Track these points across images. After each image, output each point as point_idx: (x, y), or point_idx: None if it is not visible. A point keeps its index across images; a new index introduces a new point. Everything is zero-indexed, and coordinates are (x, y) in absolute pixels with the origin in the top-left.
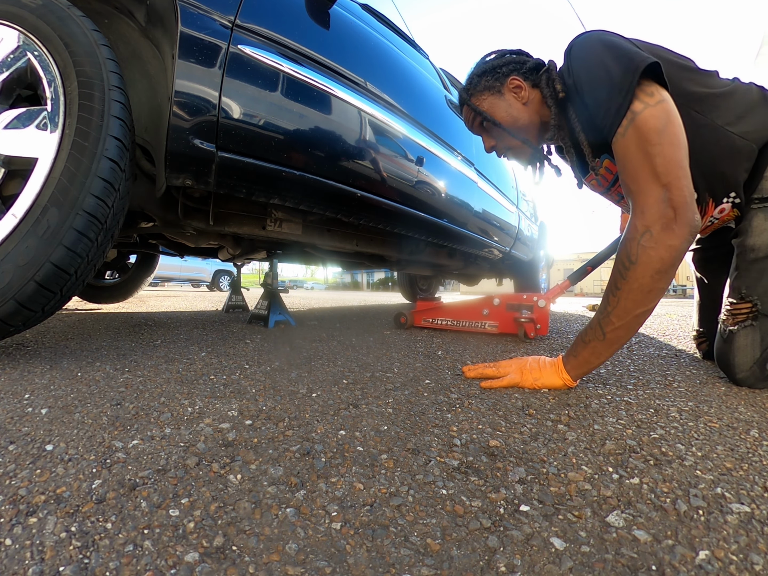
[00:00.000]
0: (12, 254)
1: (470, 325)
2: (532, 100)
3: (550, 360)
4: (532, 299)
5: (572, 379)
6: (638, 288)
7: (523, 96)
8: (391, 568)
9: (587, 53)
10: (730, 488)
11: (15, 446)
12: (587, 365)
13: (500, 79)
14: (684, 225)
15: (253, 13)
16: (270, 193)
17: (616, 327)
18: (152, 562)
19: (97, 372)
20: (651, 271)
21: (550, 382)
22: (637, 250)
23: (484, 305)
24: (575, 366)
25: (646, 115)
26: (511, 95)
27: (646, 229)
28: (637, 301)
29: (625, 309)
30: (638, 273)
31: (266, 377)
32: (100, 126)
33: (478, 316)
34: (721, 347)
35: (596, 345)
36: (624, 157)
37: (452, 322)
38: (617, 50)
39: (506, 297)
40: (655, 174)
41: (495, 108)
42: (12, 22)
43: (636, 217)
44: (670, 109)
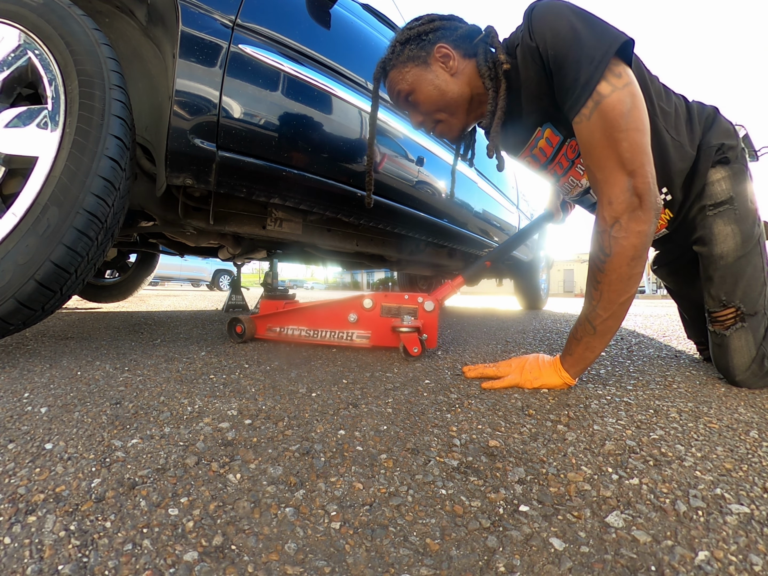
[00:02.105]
0: (12, 253)
1: (332, 336)
2: (462, 71)
3: (549, 359)
4: (416, 300)
5: (571, 377)
6: (617, 278)
7: (452, 66)
8: (391, 567)
9: (555, 18)
10: (730, 489)
11: (14, 445)
12: (584, 361)
13: (426, 47)
14: (649, 210)
15: (253, 13)
16: (270, 193)
17: (604, 319)
18: (151, 561)
19: (96, 371)
20: (626, 259)
21: (550, 382)
22: (610, 241)
23: (351, 308)
24: (572, 364)
25: (613, 99)
26: (438, 65)
27: (615, 220)
28: (619, 290)
29: (609, 300)
30: (615, 263)
31: (266, 377)
32: (100, 125)
33: (342, 324)
34: (717, 353)
35: (589, 340)
36: (588, 142)
37: (307, 332)
38: (589, 21)
39: (381, 297)
40: (620, 161)
41: (420, 81)
42: (13, 21)
43: (604, 209)
44: (636, 92)
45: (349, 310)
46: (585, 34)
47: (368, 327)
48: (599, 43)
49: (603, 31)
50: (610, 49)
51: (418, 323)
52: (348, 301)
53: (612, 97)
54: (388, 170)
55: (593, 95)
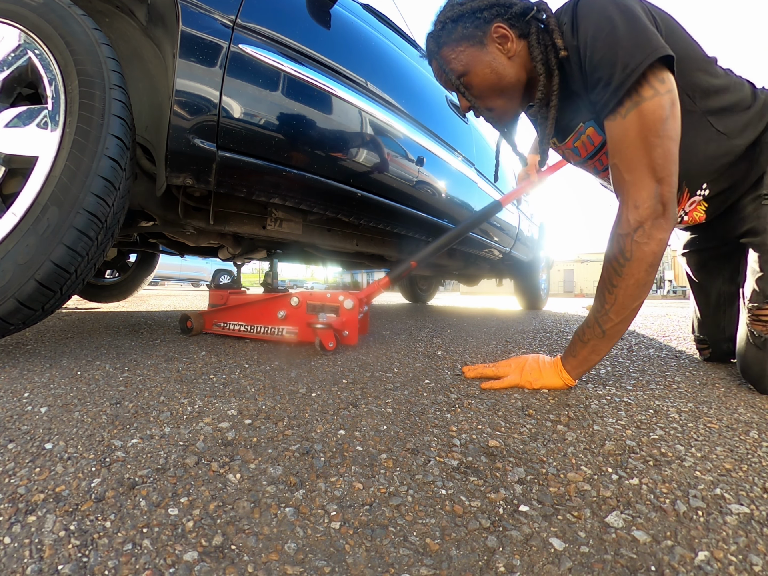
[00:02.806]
0: (12, 253)
1: (265, 331)
2: (518, 54)
3: (549, 360)
4: (338, 299)
5: (573, 378)
6: (634, 283)
7: (510, 48)
8: (390, 567)
9: (600, 14)
10: (730, 489)
11: (14, 444)
12: (587, 363)
13: (481, 26)
14: (670, 219)
15: (254, 13)
16: (270, 193)
17: (615, 323)
18: (151, 560)
19: (96, 371)
20: (646, 265)
21: (550, 383)
22: (632, 245)
23: (281, 306)
24: (575, 366)
25: (654, 103)
26: (495, 47)
27: (639, 225)
28: (634, 296)
29: (623, 305)
30: (634, 268)
31: (266, 376)
32: (100, 125)
33: (273, 320)
34: (752, 356)
35: (596, 343)
36: (621, 141)
37: (246, 327)
38: (635, 22)
39: (307, 296)
40: (652, 166)
41: (476, 62)
42: (13, 21)
43: (629, 211)
44: (676, 100)
45: (279, 308)
46: (630, 34)
47: (296, 323)
48: (645, 45)
49: (648, 36)
50: (655, 53)
51: (336, 321)
52: (278, 298)
53: (654, 100)
54: (388, 170)
55: (633, 96)
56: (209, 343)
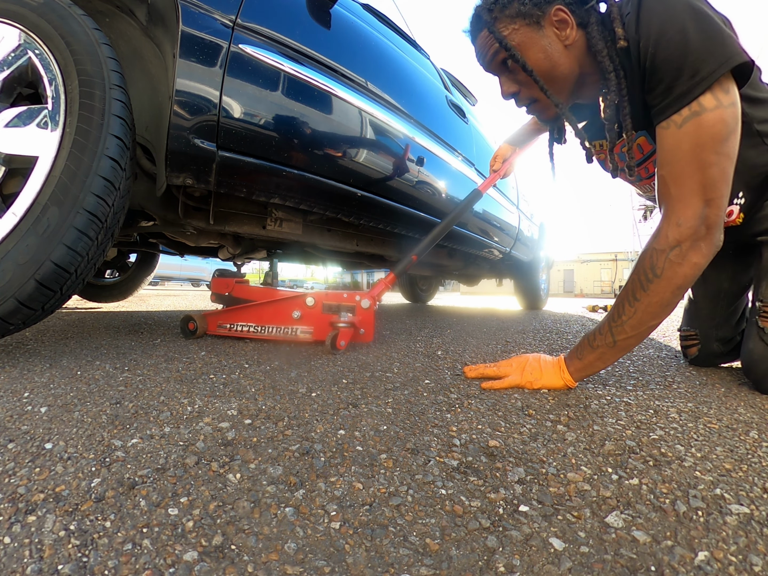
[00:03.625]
0: (12, 253)
1: (278, 331)
2: (574, 44)
3: (551, 360)
4: (354, 299)
5: (574, 380)
6: (658, 302)
7: (568, 35)
8: (390, 567)
9: (669, 9)
10: (730, 489)
11: (14, 444)
12: (591, 369)
13: (542, 6)
14: (711, 245)
15: (254, 13)
16: (270, 193)
17: (629, 336)
18: (151, 560)
19: (96, 371)
20: (673, 286)
21: (551, 383)
22: (664, 263)
23: (295, 306)
24: (579, 368)
25: (716, 115)
26: (553, 31)
27: (678, 244)
28: (655, 314)
29: (641, 320)
30: (661, 287)
31: (266, 376)
32: (100, 125)
33: (287, 320)
34: (761, 353)
35: (605, 351)
36: (673, 152)
37: (255, 328)
38: (708, 23)
39: (323, 296)
40: (702, 185)
41: (530, 44)
42: (13, 21)
43: (670, 227)
44: (738, 115)
45: (293, 308)
46: (701, 35)
47: (311, 323)
48: (719, 51)
49: (723, 39)
50: (728, 62)
51: (355, 319)
52: (292, 298)
53: (715, 113)
54: (388, 170)
55: (693, 104)
56: (209, 343)
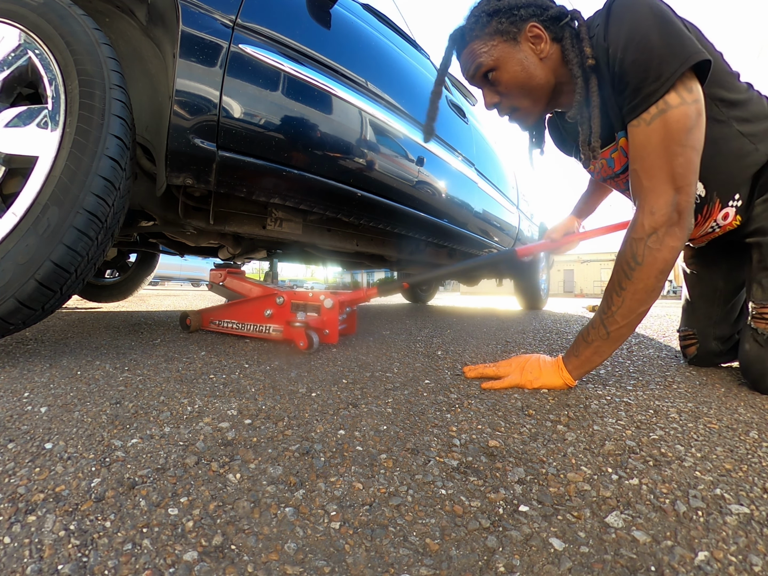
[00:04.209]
0: (12, 252)
1: (255, 329)
2: (550, 56)
3: (550, 359)
4: (318, 298)
5: (573, 378)
6: (643, 288)
7: (542, 49)
8: (390, 567)
9: (633, 17)
10: (730, 489)
11: (14, 444)
12: (589, 364)
13: (517, 23)
14: (684, 228)
15: (254, 13)
16: (270, 193)
17: (620, 326)
18: (151, 560)
19: (96, 371)
20: (656, 271)
21: (551, 382)
22: (644, 251)
23: (267, 304)
24: (577, 366)
25: (680, 111)
26: (528, 46)
27: (654, 231)
28: (642, 300)
29: (630, 308)
30: (644, 273)
31: (266, 376)
32: (100, 124)
33: (261, 318)
34: (754, 354)
35: (600, 344)
36: (643, 146)
37: (237, 325)
38: (669, 27)
39: (292, 295)
40: (672, 175)
41: (508, 58)
42: (13, 21)
43: (645, 216)
44: (702, 110)
45: (266, 306)
46: (662, 39)
47: (281, 321)
48: (679, 52)
49: (683, 41)
50: (687, 62)
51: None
52: (266, 297)
53: (680, 109)
54: (388, 170)
55: (659, 102)
56: (209, 342)
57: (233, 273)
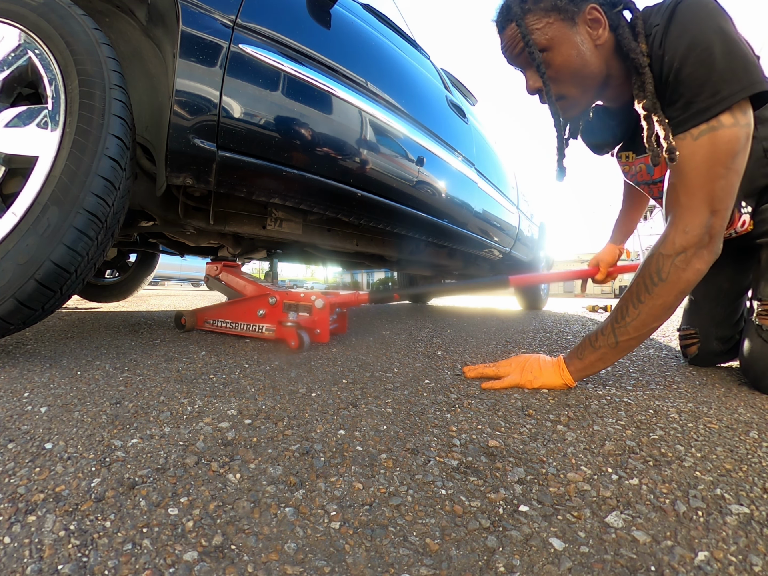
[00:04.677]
0: (12, 252)
1: (248, 328)
2: (604, 44)
3: (550, 360)
4: (310, 299)
5: (573, 380)
6: (661, 304)
7: (600, 35)
8: (390, 567)
9: (699, 27)
10: (730, 489)
11: (14, 444)
12: (592, 369)
13: (577, 2)
14: (712, 253)
15: (254, 13)
16: (270, 193)
17: (631, 337)
18: (151, 560)
19: (96, 371)
20: (677, 291)
21: (551, 382)
22: (670, 268)
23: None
24: (580, 368)
25: (732, 133)
26: (586, 29)
27: (683, 250)
28: (657, 316)
29: (644, 322)
30: (665, 290)
31: (266, 376)
32: (100, 124)
33: (254, 318)
34: (758, 352)
35: (606, 351)
36: (686, 161)
37: (231, 324)
38: (735, 46)
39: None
40: (711, 197)
41: (563, 39)
42: (13, 21)
43: (677, 234)
44: (750, 135)
45: (259, 306)
46: (726, 57)
47: (274, 321)
48: (742, 75)
49: (747, 65)
50: (751, 88)
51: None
52: (259, 297)
53: (732, 130)
54: (388, 170)
55: (712, 120)
56: (209, 343)
57: (228, 266)
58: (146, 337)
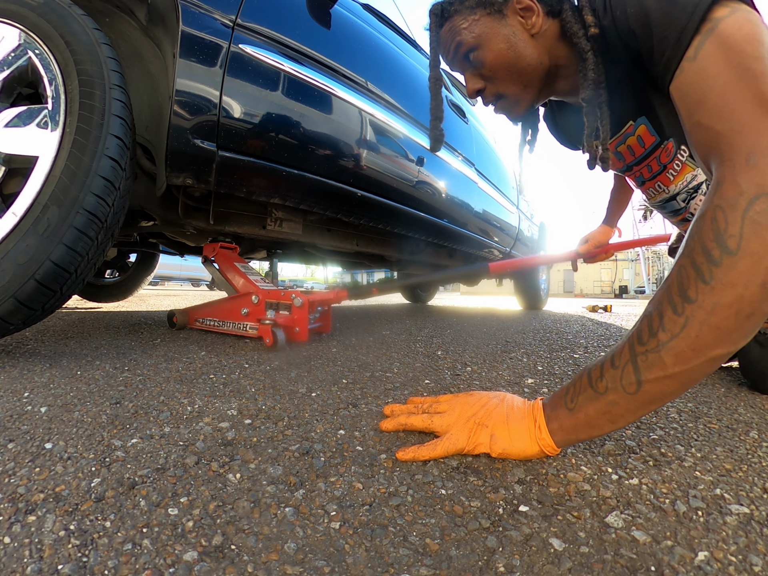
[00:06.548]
0: (12, 252)
1: (233, 326)
2: (543, 33)
3: (521, 405)
4: (290, 297)
5: (555, 445)
6: (733, 301)
7: (534, 24)
8: (390, 567)
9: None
10: (730, 489)
11: (14, 444)
12: (588, 431)
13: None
14: None
15: (254, 13)
16: (270, 193)
17: (668, 374)
18: (151, 560)
19: (96, 371)
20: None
21: (517, 449)
22: (742, 227)
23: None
24: (568, 428)
25: (734, 20)
26: (517, 20)
27: (762, 191)
28: (726, 329)
29: (697, 339)
30: (740, 270)
31: (266, 376)
32: (100, 124)
33: (238, 316)
34: (757, 353)
35: (617, 399)
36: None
37: (218, 323)
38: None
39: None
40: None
41: (491, 35)
42: (13, 21)
43: (737, 171)
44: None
45: (242, 305)
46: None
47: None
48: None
49: None
50: None
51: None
52: (243, 296)
53: (734, 17)
54: (388, 170)
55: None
56: (209, 342)
57: (225, 248)
58: (146, 337)
